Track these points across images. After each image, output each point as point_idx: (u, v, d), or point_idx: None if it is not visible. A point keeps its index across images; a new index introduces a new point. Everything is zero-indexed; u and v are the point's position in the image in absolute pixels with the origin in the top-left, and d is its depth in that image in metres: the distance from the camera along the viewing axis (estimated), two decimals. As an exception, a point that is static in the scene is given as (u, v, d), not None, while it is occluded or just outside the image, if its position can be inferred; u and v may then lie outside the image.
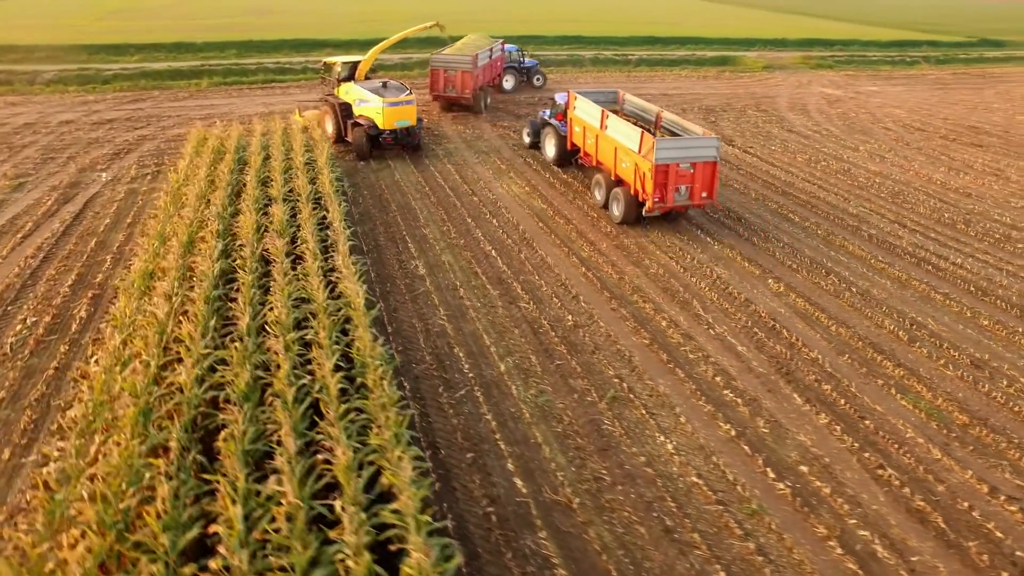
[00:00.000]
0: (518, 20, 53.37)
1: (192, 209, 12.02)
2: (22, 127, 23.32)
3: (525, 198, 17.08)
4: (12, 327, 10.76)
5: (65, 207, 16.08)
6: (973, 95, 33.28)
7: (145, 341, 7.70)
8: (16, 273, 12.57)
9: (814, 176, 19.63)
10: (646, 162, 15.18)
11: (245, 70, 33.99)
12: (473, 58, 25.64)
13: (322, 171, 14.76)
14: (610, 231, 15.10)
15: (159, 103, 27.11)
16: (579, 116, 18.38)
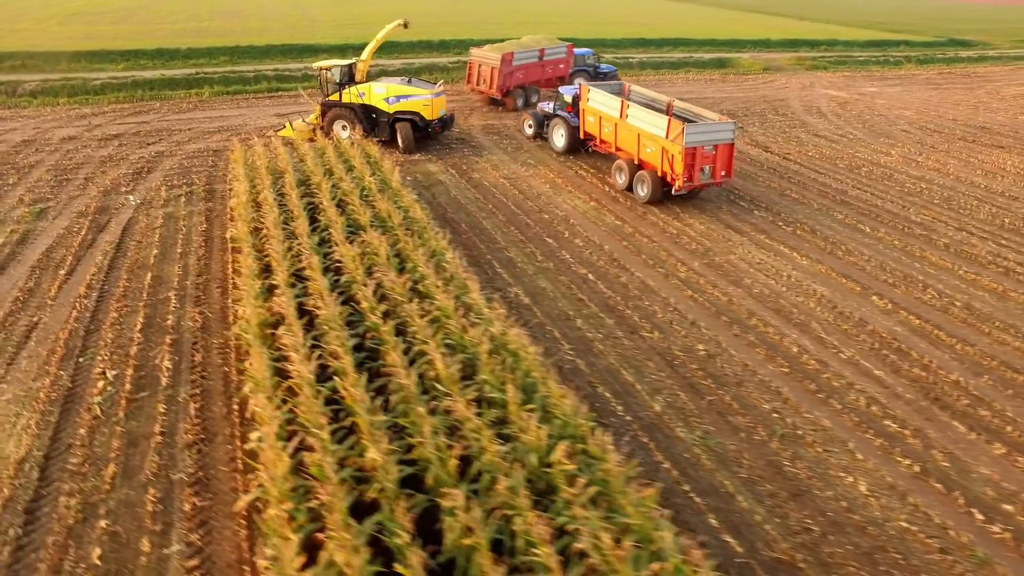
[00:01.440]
0: (494, 22, 52.86)
1: (277, 240, 10.81)
2: (21, 145, 21.31)
3: (593, 214, 16.38)
4: (93, 383, 9.44)
5: (101, 236, 14.59)
6: (967, 95, 34.20)
7: (305, 410, 6.72)
8: (75, 317, 11.16)
9: (862, 183, 19.48)
10: (675, 146, 16.60)
11: (243, 78, 32.21)
12: (504, 56, 25.89)
13: (400, 192, 13.64)
14: (697, 248, 14.49)
15: (164, 115, 25.29)
16: (593, 107, 19.62)
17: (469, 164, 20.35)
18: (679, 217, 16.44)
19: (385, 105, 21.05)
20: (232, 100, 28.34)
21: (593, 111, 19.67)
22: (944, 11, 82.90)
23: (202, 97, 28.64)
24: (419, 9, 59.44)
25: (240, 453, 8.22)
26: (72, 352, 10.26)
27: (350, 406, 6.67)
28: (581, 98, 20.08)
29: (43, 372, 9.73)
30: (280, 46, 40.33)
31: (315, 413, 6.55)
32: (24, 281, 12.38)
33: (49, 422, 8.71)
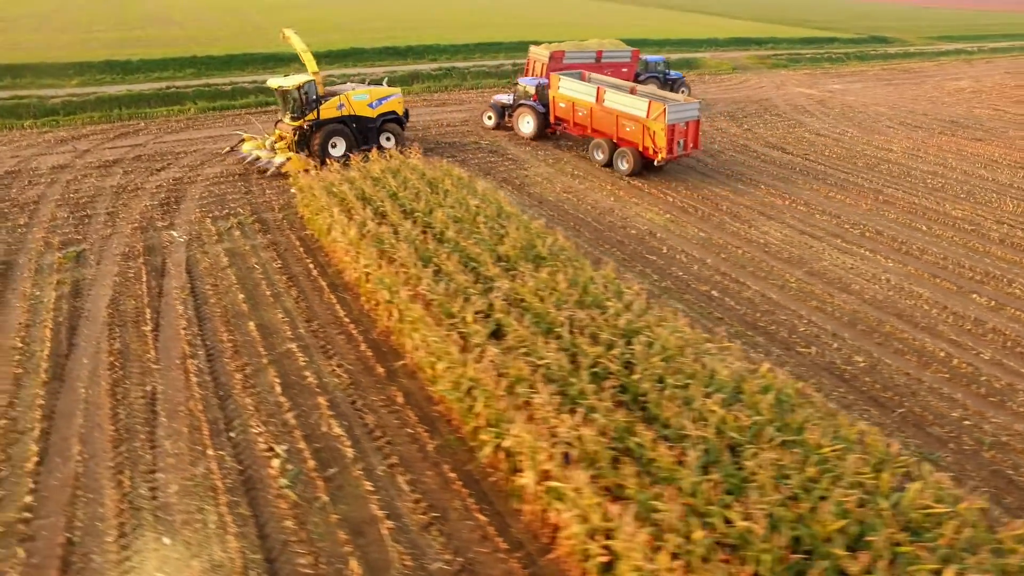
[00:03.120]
0: (437, 26, 52.13)
1: (429, 280, 9.69)
2: (6, 176, 18.35)
3: (674, 227, 16.04)
4: (264, 463, 8.06)
5: (167, 282, 12.76)
6: (916, 89, 36.86)
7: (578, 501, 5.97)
8: (195, 382, 9.58)
9: (889, 181, 20.28)
10: (658, 123, 19.04)
11: (221, 92, 29.50)
12: (553, 54, 27.14)
13: (512, 214, 12.58)
14: (788, 256, 14.52)
15: (157, 137, 22.63)
16: (565, 94, 21.54)
17: (520, 178, 19.54)
18: (753, 225, 16.52)
19: (370, 111, 19.91)
20: (222, 116, 25.85)
21: (565, 98, 21.59)
22: (859, 9, 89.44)
23: (188, 114, 26.05)
24: (367, 14, 57.91)
25: (491, 530, 7.38)
26: (217, 426, 8.90)
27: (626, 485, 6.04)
28: (551, 87, 22.22)
29: (197, 454, 8.35)
30: (241, 55, 37.61)
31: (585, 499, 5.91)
32: (107, 342, 10.64)
33: (244, 515, 7.47)
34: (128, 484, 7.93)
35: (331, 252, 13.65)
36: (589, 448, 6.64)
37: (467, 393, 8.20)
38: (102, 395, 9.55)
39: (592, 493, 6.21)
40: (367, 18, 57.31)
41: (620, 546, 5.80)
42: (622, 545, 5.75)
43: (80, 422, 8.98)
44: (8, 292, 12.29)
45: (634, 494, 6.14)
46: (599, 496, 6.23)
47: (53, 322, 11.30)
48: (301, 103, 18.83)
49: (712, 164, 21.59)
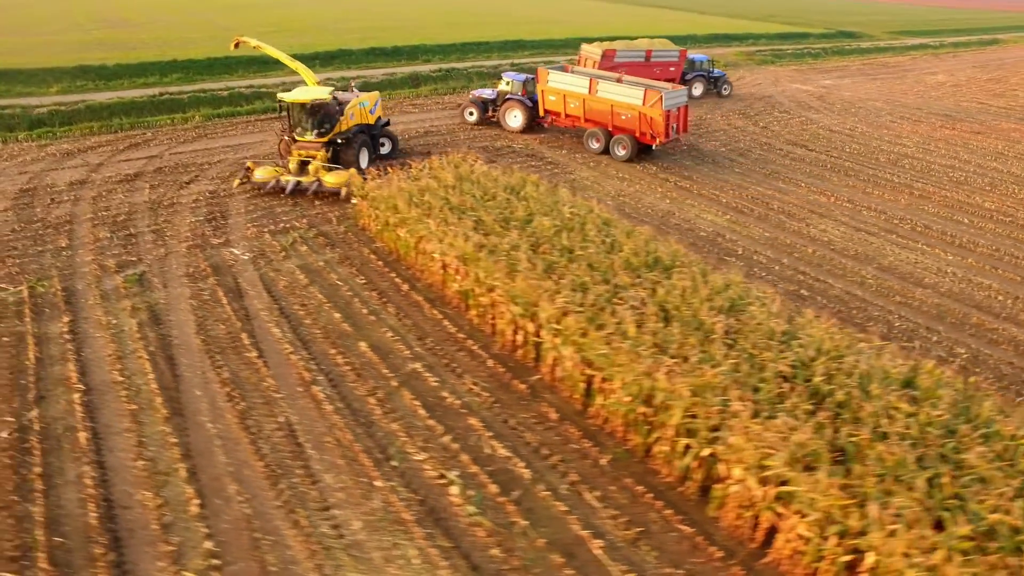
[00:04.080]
0: (414, 25, 51.75)
1: (566, 294, 9.60)
2: (22, 195, 17.09)
3: (738, 228, 16.30)
4: (442, 491, 7.85)
5: (250, 303, 12.09)
6: (900, 84, 38.84)
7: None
8: (330, 410, 9.19)
9: (916, 176, 21.22)
10: (655, 110, 20.37)
11: (216, 97, 28.19)
12: (605, 52, 28.24)
13: (614, 221, 12.57)
14: (856, 253, 15.04)
15: (170, 148, 21.43)
16: (555, 87, 22.53)
17: (568, 183, 19.11)
18: (809, 223, 17.00)
19: (371, 117, 19.78)
20: (232, 124, 24.75)
21: (555, 91, 22.58)
22: (821, 5, 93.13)
23: (193, 123, 24.70)
24: (338, 14, 56.67)
25: (699, 539, 7.44)
26: (374, 455, 8.60)
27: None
28: (539, 80, 23.15)
29: (366, 486, 8.07)
30: (222, 59, 35.92)
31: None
32: (214, 371, 10.12)
33: (445, 547, 7.28)
34: (306, 523, 7.61)
35: (415, 265, 13.32)
36: (809, 450, 6.89)
37: (646, 405, 8.31)
38: (234, 429, 9.13)
39: (832, 494, 6.43)
40: (340, 18, 56.01)
41: (875, 544, 6.06)
42: (879, 543, 6.00)
43: (224, 460, 8.56)
44: (82, 322, 11.54)
45: (871, 493, 6.40)
46: (837, 496, 6.46)
47: (146, 352, 10.70)
48: (328, 117, 18.04)
49: (746, 163, 22.13)
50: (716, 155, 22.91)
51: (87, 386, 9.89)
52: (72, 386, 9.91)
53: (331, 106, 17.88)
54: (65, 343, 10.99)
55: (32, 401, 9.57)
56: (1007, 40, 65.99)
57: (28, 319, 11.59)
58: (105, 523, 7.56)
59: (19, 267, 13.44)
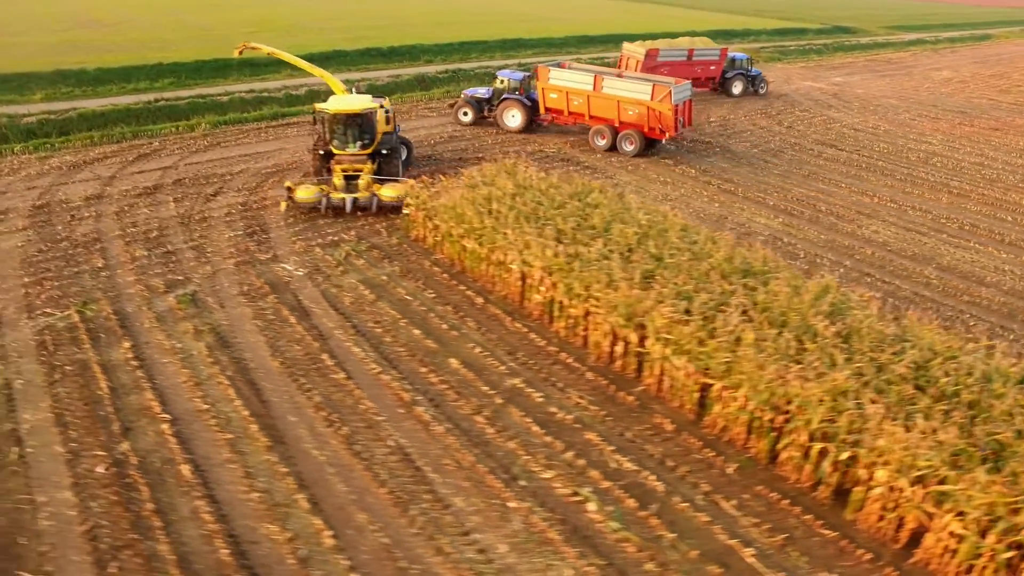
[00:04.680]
0: (405, 24, 52.18)
1: (671, 303, 9.82)
2: (36, 211, 16.69)
3: (793, 231, 16.81)
4: (587, 513, 7.97)
5: (320, 321, 12.01)
6: (908, 80, 40.46)
7: None
8: (439, 432, 9.27)
9: (947, 174, 22.07)
10: (664, 105, 21.39)
11: (216, 103, 27.87)
12: (649, 52, 29.62)
13: (705, 231, 12.80)
14: (915, 254, 15.65)
15: (182, 158, 21.10)
16: (557, 84, 23.30)
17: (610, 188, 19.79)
18: (860, 225, 17.63)
19: (390, 124, 19.07)
20: (241, 131, 24.41)
21: (557, 88, 23.32)
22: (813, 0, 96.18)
23: (201, 130, 24.20)
24: (325, 13, 56.64)
25: (844, 543, 7.71)
26: (500, 476, 8.64)
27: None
28: (539, 79, 23.85)
29: (500, 508, 8.13)
30: (211, 62, 35.76)
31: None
32: (302, 395, 10.04)
33: (599, 564, 7.39)
34: (451, 549, 7.68)
35: (486, 276, 13.39)
36: (957, 449, 7.28)
37: (775, 411, 8.62)
38: (343, 455, 9.11)
39: (995, 491, 6.80)
40: (324, 17, 55.89)
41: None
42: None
43: (343, 488, 8.53)
44: (144, 347, 11.35)
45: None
46: (1001, 493, 6.83)
47: (224, 377, 10.60)
48: (370, 126, 17.71)
49: (781, 164, 22.79)
50: (750, 156, 23.58)
51: (172, 415, 9.77)
52: (156, 416, 9.78)
53: (373, 115, 17.75)
54: (134, 370, 10.84)
55: (119, 433, 9.44)
56: (998, 35, 69.28)
57: (86, 346, 11.45)
58: (238, 559, 7.53)
59: (59, 290, 13.18)
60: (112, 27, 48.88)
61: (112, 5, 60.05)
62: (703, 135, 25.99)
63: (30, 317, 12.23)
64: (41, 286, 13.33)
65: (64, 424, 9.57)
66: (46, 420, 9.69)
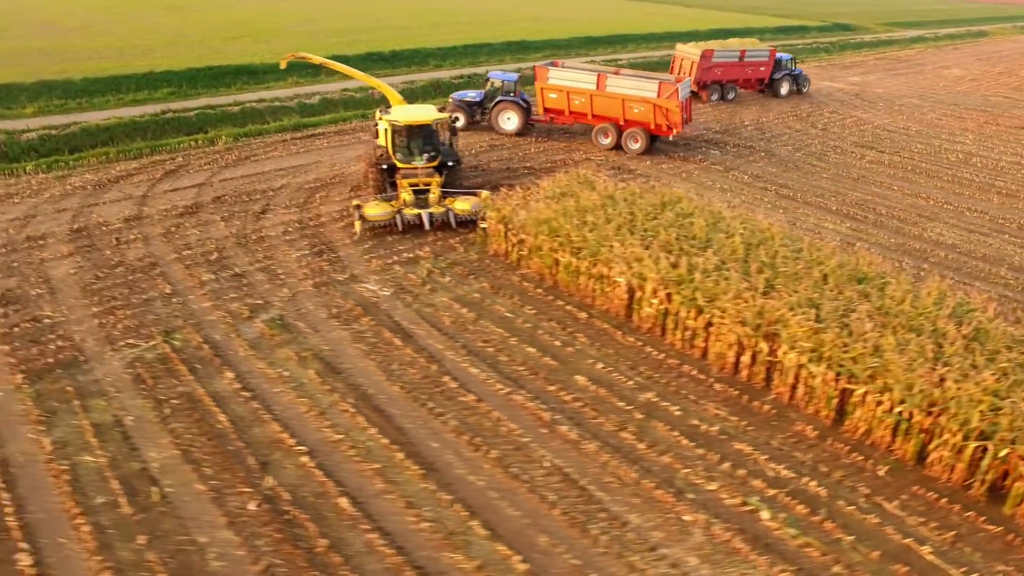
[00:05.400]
0: (397, 27, 52.90)
1: (800, 313, 10.55)
2: (76, 235, 16.62)
3: (864, 236, 17.67)
4: (762, 520, 8.59)
5: (424, 343, 12.34)
6: (921, 78, 42.77)
7: None
8: (595, 450, 9.72)
9: (996, 175, 23.50)
10: (671, 102, 22.95)
11: (228, 114, 27.92)
12: (704, 53, 31.18)
13: (806, 239, 13.64)
14: (986, 254, 16.80)
15: (214, 173, 21.16)
16: (557, 84, 24.40)
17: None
18: (923, 227, 18.75)
19: (453, 136, 19.89)
20: (267, 144, 24.48)
21: (557, 88, 24.44)
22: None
23: (225, 144, 24.12)
24: (307, 15, 56.82)
25: (1010, 537, 8.55)
26: (667, 490, 9.09)
27: None
28: (538, 79, 24.88)
29: (676, 521, 8.66)
30: (205, 69, 35.90)
31: None
32: (436, 420, 10.36)
33: (789, 570, 7.98)
34: (643, 565, 8.10)
35: (584, 290, 13.87)
36: None
37: (925, 413, 9.34)
38: (501, 479, 9.46)
39: None
40: (305, 19, 56.07)
41: None
42: None
43: (514, 512, 8.89)
44: (247, 376, 11.51)
45: None
46: None
47: (347, 404, 10.83)
48: (435, 138, 18.30)
49: (827, 167, 23.90)
50: (796, 160, 24.68)
51: (307, 447, 10.00)
52: (290, 449, 9.98)
53: (439, 126, 18.28)
54: (247, 401, 11.02)
55: (257, 468, 9.62)
56: (993, 32, 73.45)
57: (186, 377, 11.54)
58: (435, 591, 7.85)
59: (134, 319, 13.23)
60: (76, 32, 48.28)
61: (67, 8, 59.38)
62: (742, 139, 27.11)
63: (114, 349, 12.33)
64: (114, 315, 13.38)
65: (194, 461, 9.76)
66: (173, 457, 9.86)
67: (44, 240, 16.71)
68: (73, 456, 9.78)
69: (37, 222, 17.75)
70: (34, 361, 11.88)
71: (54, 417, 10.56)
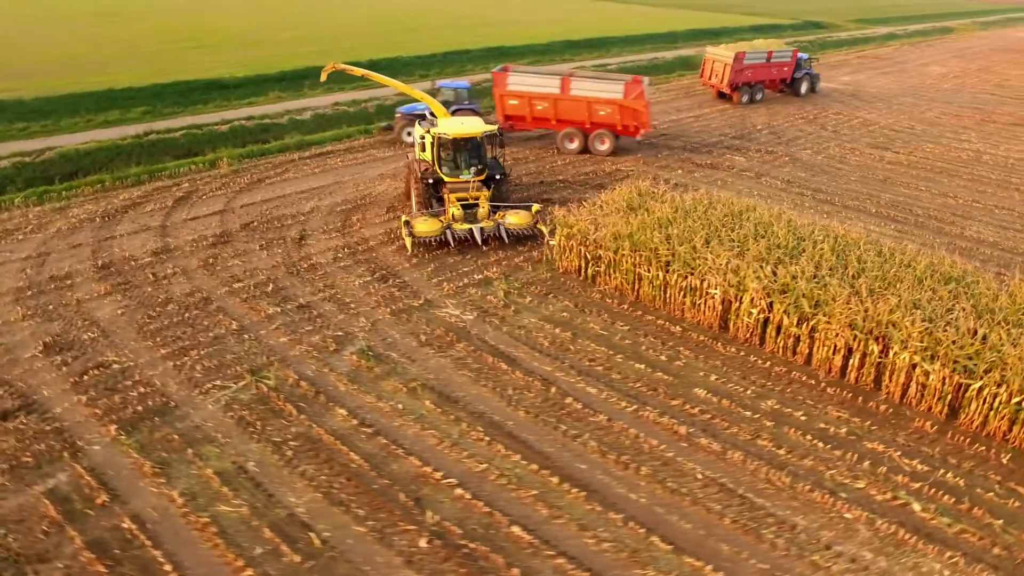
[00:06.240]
0: (366, 35, 53.81)
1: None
2: (105, 274, 16.58)
3: (907, 238, 19.44)
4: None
5: (531, 365, 13.21)
6: (909, 76, 46.86)
7: None
8: (740, 461, 10.76)
9: (1012, 173, 26.04)
10: (638, 102, 24.96)
11: (217, 134, 28.42)
12: (737, 55, 33.75)
13: (865, 243, 14.97)
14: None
15: (230, 199, 21.55)
16: (518, 90, 25.64)
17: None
18: (962, 226, 20.83)
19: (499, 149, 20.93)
20: (277, 165, 24.97)
21: (518, 95, 25.62)
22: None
23: (231, 167, 24.34)
24: (266, 23, 56.55)
25: None
26: (819, 491, 10.25)
27: None
28: (497, 85, 26.09)
29: (838, 519, 9.77)
30: (172, 85, 36.25)
31: None
32: (574, 440, 11.21)
33: (957, 555, 9.21)
34: (825, 563, 9.20)
35: (673, 304, 14.99)
36: None
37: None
38: (662, 494, 10.36)
39: None
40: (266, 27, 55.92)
41: None
42: None
43: (687, 525, 9.80)
44: (361, 412, 12.06)
45: None
46: None
47: (477, 433, 11.54)
48: (482, 150, 19.14)
49: (851, 170, 26.04)
50: (820, 164, 26.77)
51: (457, 480, 10.61)
52: (439, 482, 10.62)
53: (486, 139, 19.24)
54: (370, 437, 11.56)
55: (411, 505, 10.19)
56: (958, 28, 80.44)
57: (294, 417, 11.94)
58: (643, 610, 8.62)
59: (210, 359, 13.52)
60: (6, 43, 46.91)
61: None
62: (761, 144, 29.05)
63: (202, 393, 12.63)
64: (187, 356, 13.64)
65: (341, 503, 10.26)
66: (316, 500, 10.32)
67: (71, 279, 16.71)
68: (209, 507, 10.17)
69: (54, 260, 17.64)
70: (121, 411, 12.14)
71: (170, 468, 10.90)
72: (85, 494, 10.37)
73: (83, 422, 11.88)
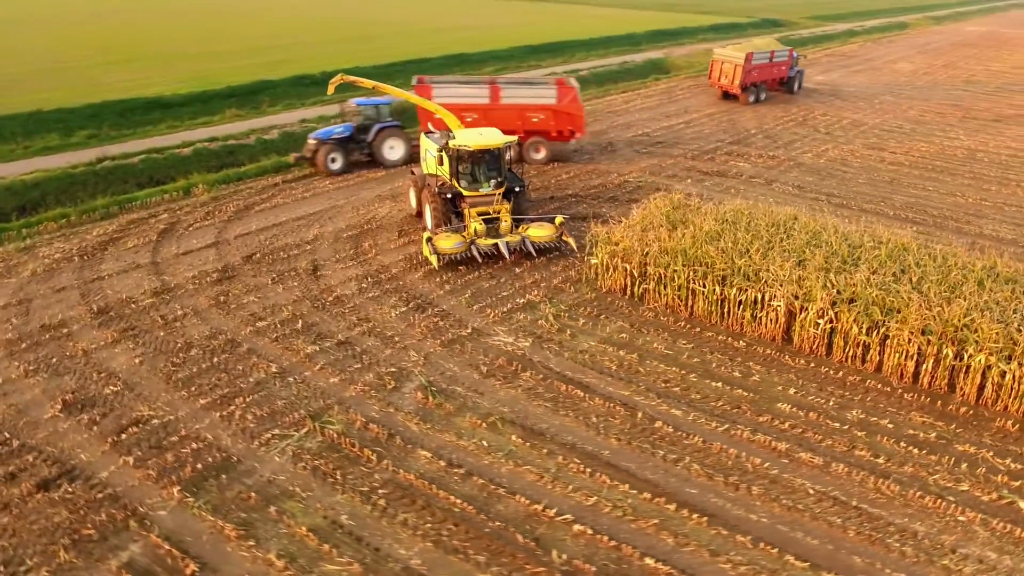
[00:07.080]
0: (319, 44, 54.04)
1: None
2: (105, 319, 16.37)
3: (933, 239, 21.09)
4: None
5: (607, 390, 13.89)
6: (880, 74, 50.84)
7: None
8: (831, 470, 11.65)
9: (1010, 169, 28.61)
10: (573, 106, 27.13)
11: (180, 157, 28.51)
12: (747, 56, 36.63)
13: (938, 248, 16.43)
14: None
15: (220, 230, 21.56)
16: (444, 103, 25.66)
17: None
18: (977, 225, 22.88)
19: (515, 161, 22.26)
20: (257, 191, 24.98)
21: (445, 107, 26.21)
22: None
23: (205, 194, 24.20)
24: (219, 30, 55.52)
25: None
26: (928, 496, 11.33)
27: None
28: (423, 96, 26.91)
29: (953, 522, 10.83)
30: (138, 101, 36.06)
31: None
32: (676, 465, 11.86)
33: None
34: (955, 566, 10.22)
35: (731, 319, 15.96)
36: None
37: None
38: (779, 512, 11.16)
39: None
40: (200, 39, 55.08)
41: None
42: None
43: (814, 541, 10.59)
44: (442, 451, 12.38)
45: None
46: None
47: (576, 466, 12.01)
48: (500, 162, 19.87)
49: (856, 173, 27.99)
50: (825, 168, 28.69)
51: (572, 516, 11.02)
52: (553, 519, 11.09)
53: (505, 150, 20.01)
54: (466, 478, 11.92)
55: (532, 545, 10.60)
56: (912, 23, 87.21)
57: (373, 464, 12.12)
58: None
59: (259, 407, 13.57)
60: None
61: None
62: (760, 148, 30.87)
63: (262, 444, 12.65)
64: (232, 404, 13.62)
65: (457, 550, 10.57)
66: (428, 550, 10.58)
67: (67, 327, 16.35)
68: (314, 568, 10.32)
69: (39, 307, 17.17)
70: (178, 470, 12.07)
71: (255, 529, 10.95)
72: (169, 565, 10.35)
73: (138, 486, 11.80)
